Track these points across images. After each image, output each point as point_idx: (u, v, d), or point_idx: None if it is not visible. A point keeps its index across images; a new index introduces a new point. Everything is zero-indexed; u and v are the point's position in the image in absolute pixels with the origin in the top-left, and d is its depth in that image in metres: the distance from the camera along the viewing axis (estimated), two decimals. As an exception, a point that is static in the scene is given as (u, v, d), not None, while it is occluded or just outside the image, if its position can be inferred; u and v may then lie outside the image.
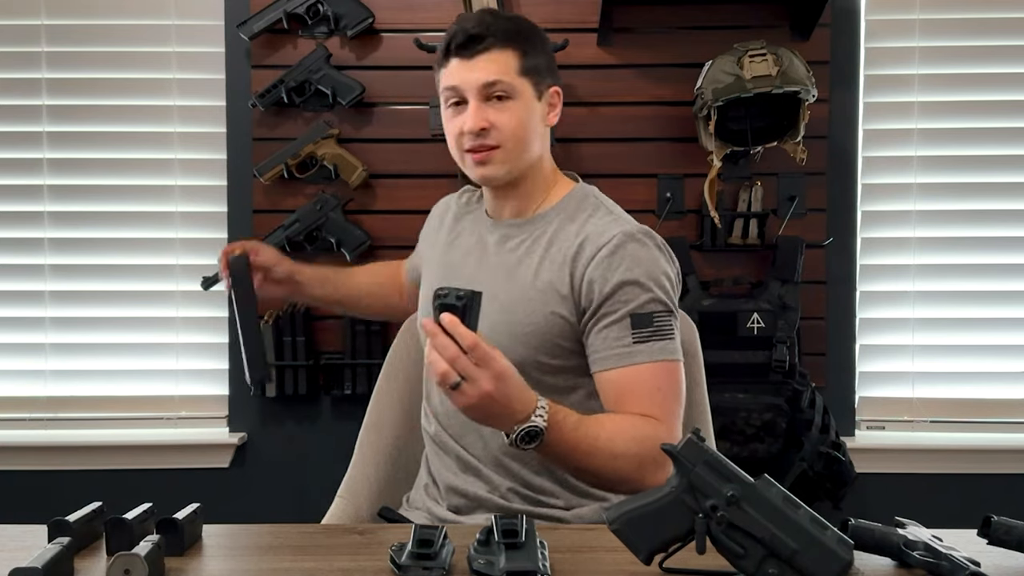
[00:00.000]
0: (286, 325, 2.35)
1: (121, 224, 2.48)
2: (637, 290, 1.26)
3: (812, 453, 2.18)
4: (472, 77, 1.29)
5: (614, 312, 1.26)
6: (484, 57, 1.29)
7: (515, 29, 1.32)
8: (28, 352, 2.50)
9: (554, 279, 1.31)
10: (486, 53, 1.29)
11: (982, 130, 2.43)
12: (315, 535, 1.11)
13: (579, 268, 1.29)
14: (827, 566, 0.83)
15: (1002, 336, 2.44)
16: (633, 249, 1.28)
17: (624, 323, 1.26)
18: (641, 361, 1.25)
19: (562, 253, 1.32)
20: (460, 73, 1.30)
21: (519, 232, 1.37)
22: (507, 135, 1.30)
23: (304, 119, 2.39)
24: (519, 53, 1.31)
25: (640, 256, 1.28)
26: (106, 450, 2.43)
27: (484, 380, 1.05)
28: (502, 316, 1.30)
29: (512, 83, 1.30)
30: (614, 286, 1.27)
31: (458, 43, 1.29)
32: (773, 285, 2.26)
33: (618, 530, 0.90)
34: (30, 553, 0.87)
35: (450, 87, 1.31)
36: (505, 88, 1.29)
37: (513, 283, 1.33)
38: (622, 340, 1.25)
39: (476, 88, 1.29)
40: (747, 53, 2.13)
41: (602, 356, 1.27)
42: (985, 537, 0.97)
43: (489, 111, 1.30)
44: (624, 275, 1.27)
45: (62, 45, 2.47)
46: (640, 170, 2.38)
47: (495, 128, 1.30)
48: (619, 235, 1.29)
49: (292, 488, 2.42)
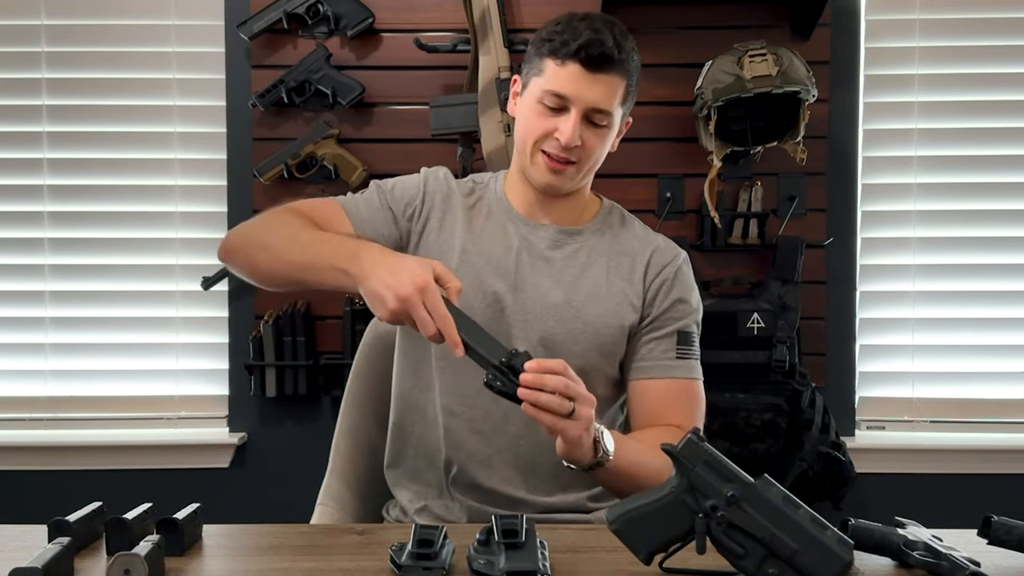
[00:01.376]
0: (286, 325, 2.35)
1: (121, 224, 2.48)
2: (687, 308, 1.35)
3: (812, 453, 2.18)
4: (589, 96, 1.25)
5: (666, 326, 1.33)
6: (606, 79, 1.25)
7: (634, 60, 1.29)
8: (28, 352, 2.50)
9: (627, 289, 1.34)
10: (609, 75, 1.25)
11: (982, 130, 2.43)
12: (315, 535, 1.11)
13: (649, 279, 1.35)
14: (827, 566, 0.83)
15: (1002, 336, 2.44)
16: (687, 270, 1.38)
17: (672, 338, 1.33)
18: (681, 376, 1.33)
19: (630, 263, 1.35)
20: (577, 85, 1.24)
21: (571, 240, 1.36)
22: (589, 156, 1.29)
23: (304, 119, 2.39)
24: (627, 84, 1.28)
25: (692, 281, 1.39)
26: (106, 450, 2.43)
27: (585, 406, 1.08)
28: (580, 324, 1.30)
29: (613, 113, 1.28)
30: (673, 301, 1.34)
31: (591, 55, 1.23)
32: (773, 285, 2.26)
33: (618, 530, 0.90)
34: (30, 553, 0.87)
35: (558, 93, 1.25)
36: (605, 116, 1.27)
37: (585, 289, 1.32)
38: (668, 353, 1.32)
39: (586, 106, 1.25)
40: (747, 53, 2.13)
41: (648, 365, 1.32)
42: (985, 537, 0.97)
43: (585, 131, 1.27)
44: (681, 293, 1.35)
45: (62, 45, 2.47)
46: (640, 170, 2.38)
47: (583, 148, 1.28)
48: (681, 255, 1.38)
49: (292, 488, 2.41)
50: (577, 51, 1.23)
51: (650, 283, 1.34)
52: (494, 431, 1.30)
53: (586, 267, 1.34)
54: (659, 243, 1.39)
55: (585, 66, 1.23)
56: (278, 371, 2.37)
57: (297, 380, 2.37)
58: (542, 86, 1.26)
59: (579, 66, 1.24)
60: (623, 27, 1.28)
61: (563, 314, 1.29)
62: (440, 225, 1.35)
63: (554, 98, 1.25)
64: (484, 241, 1.34)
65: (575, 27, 1.25)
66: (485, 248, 1.33)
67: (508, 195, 1.38)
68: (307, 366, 2.36)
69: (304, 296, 2.39)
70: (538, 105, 1.27)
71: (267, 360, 2.36)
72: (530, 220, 1.36)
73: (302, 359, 2.36)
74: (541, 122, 1.27)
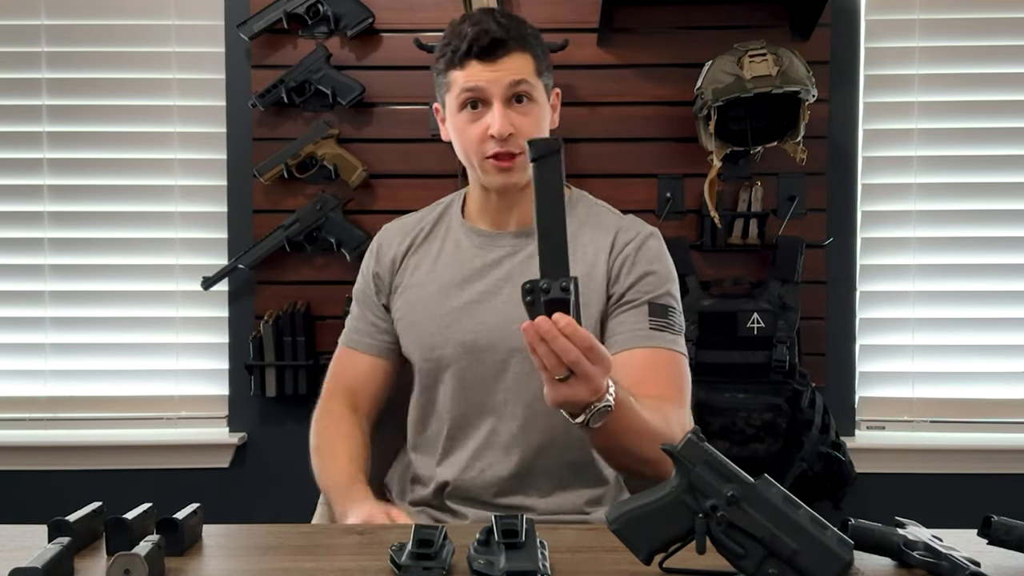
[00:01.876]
0: (286, 325, 2.36)
1: (121, 224, 2.48)
2: (656, 280, 1.33)
3: (812, 453, 2.18)
4: (498, 78, 1.26)
5: (635, 300, 1.31)
6: (508, 60, 1.27)
7: (529, 32, 1.31)
8: (28, 352, 2.50)
9: (592, 272, 1.33)
10: (508, 56, 1.27)
11: (982, 130, 2.43)
12: (315, 535, 1.11)
13: (612, 257, 1.34)
14: (827, 566, 0.83)
15: (1002, 336, 2.44)
16: (655, 244, 1.36)
17: (642, 309, 1.30)
18: (659, 346, 1.29)
19: (594, 250, 1.34)
20: (483, 75, 1.26)
21: (531, 239, 1.35)
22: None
23: (304, 119, 2.39)
24: (534, 55, 1.30)
25: (661, 253, 1.36)
26: (106, 450, 2.43)
27: (599, 376, 1.02)
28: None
29: (534, 84, 1.29)
30: (640, 275, 1.32)
31: (481, 46, 1.25)
32: (773, 285, 2.26)
33: (618, 530, 0.90)
34: (30, 553, 0.87)
35: (471, 88, 1.27)
36: (528, 89, 1.28)
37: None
38: (640, 324, 1.30)
39: (502, 89, 1.27)
40: (747, 53, 2.13)
41: (623, 337, 1.30)
42: (985, 537, 0.97)
43: (512, 115, 1.27)
44: (647, 266, 1.33)
45: (62, 45, 2.47)
46: (640, 170, 2.38)
47: (520, 134, 1.27)
48: (646, 230, 1.37)
49: (292, 488, 2.41)
50: (468, 50, 1.26)
51: (614, 261, 1.33)
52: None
53: None
54: (624, 223, 1.38)
55: (482, 58, 1.26)
56: (278, 371, 2.37)
57: (297, 380, 2.37)
58: (456, 94, 1.29)
59: (477, 61, 1.27)
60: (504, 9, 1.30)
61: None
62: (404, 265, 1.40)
63: (470, 95, 1.28)
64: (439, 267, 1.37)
65: (458, 31, 1.28)
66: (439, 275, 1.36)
67: (470, 211, 1.40)
68: (307, 366, 2.36)
69: (304, 296, 2.39)
70: (462, 114, 1.30)
71: (267, 360, 2.36)
72: (492, 231, 1.37)
73: (302, 359, 2.36)
74: (472, 128, 1.29)
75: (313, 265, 2.42)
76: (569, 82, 2.34)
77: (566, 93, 2.39)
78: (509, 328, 1.26)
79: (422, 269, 1.38)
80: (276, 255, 2.39)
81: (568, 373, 1.00)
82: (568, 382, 1.00)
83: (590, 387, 1.01)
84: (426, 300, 1.28)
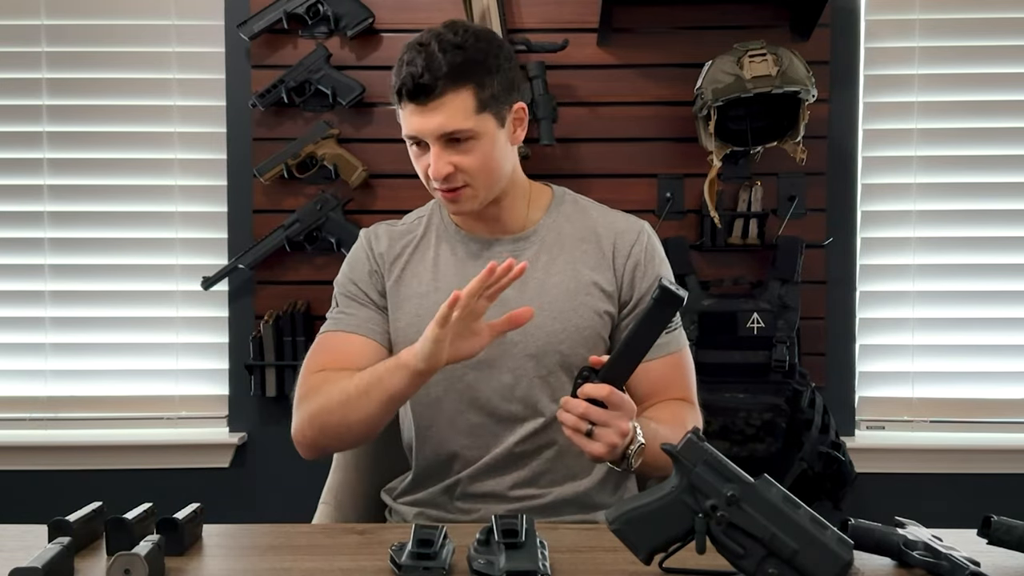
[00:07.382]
0: (286, 325, 2.35)
1: (121, 224, 2.48)
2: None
3: (812, 453, 2.18)
4: (429, 126, 1.23)
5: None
6: (437, 103, 1.21)
7: (464, 62, 1.22)
8: (28, 352, 2.50)
9: (597, 278, 1.34)
10: (439, 99, 1.21)
11: (982, 130, 2.43)
12: (315, 535, 1.11)
13: (619, 262, 1.35)
14: (827, 566, 0.83)
15: (1002, 336, 2.44)
16: (655, 241, 1.38)
17: None
18: (673, 350, 1.33)
19: (594, 249, 1.35)
20: (417, 121, 1.23)
21: (528, 244, 1.35)
22: (474, 174, 1.26)
23: (304, 119, 2.39)
24: (473, 90, 1.23)
25: (659, 247, 1.39)
26: (106, 450, 2.43)
27: (620, 419, 1.10)
28: (559, 324, 1.31)
29: (470, 127, 1.23)
30: (651, 280, 1.34)
31: (409, 90, 1.22)
32: (773, 285, 2.26)
33: (618, 530, 0.90)
34: (30, 553, 0.87)
35: (409, 135, 1.26)
36: (463, 133, 1.23)
37: (554, 289, 1.32)
38: None
39: (434, 137, 1.23)
40: (747, 53, 2.13)
41: None
42: (985, 537, 0.98)
43: (452, 156, 1.24)
44: (656, 270, 1.35)
45: (62, 45, 2.47)
46: (640, 170, 2.38)
47: (460, 171, 1.25)
48: (645, 229, 1.38)
49: (292, 488, 2.42)
50: (400, 92, 1.24)
51: (622, 266, 1.35)
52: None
53: (549, 266, 1.34)
54: (619, 223, 1.38)
55: (413, 101, 1.23)
56: (278, 371, 2.37)
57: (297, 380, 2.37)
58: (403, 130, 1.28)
59: (411, 103, 1.23)
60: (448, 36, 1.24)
61: (538, 321, 1.25)
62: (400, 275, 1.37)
63: (411, 139, 1.27)
64: (440, 276, 1.35)
65: (400, 64, 1.25)
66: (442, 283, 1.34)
67: (459, 218, 1.38)
68: (307, 366, 2.36)
69: (304, 296, 2.39)
70: (411, 148, 1.29)
71: (267, 360, 2.36)
72: (488, 237, 1.36)
73: (302, 359, 2.34)
74: (419, 163, 1.29)
75: (313, 265, 2.41)
76: (569, 82, 2.34)
77: (566, 93, 2.41)
78: (518, 334, 1.26)
79: (423, 279, 1.36)
80: (276, 255, 2.39)
81: (589, 427, 1.08)
82: (594, 435, 1.09)
83: (617, 431, 1.09)
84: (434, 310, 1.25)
